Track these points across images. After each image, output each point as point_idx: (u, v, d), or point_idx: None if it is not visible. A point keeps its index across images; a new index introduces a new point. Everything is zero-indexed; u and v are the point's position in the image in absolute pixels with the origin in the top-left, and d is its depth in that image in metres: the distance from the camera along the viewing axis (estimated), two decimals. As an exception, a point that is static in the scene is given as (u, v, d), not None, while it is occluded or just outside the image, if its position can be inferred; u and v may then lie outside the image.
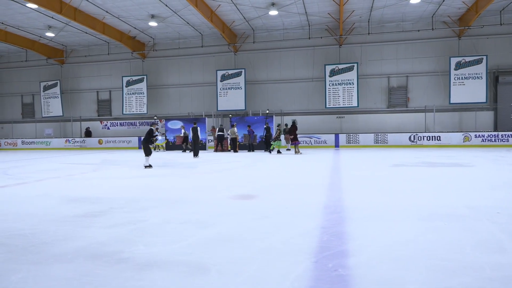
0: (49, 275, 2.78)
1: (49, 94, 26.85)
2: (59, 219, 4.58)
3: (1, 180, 8.83)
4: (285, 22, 21.42)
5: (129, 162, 13.68)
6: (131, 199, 5.86)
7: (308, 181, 7.98)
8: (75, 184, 8.01)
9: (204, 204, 5.41)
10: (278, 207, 5.09)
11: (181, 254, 3.19)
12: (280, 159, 14.04)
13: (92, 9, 18.83)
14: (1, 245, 3.54)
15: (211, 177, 8.93)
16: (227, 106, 23.49)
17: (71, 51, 26.73)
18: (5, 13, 19.30)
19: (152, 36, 23.90)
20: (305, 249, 3.26)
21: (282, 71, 23.53)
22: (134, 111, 25.11)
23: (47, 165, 13.12)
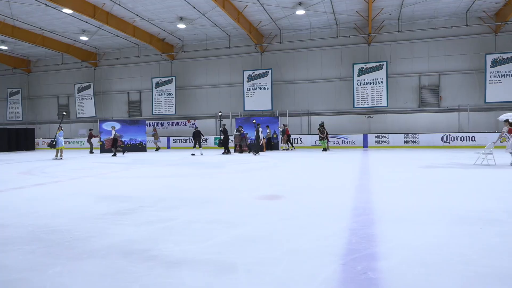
0: (84, 270, 2.89)
1: (83, 95, 27.91)
2: (92, 217, 4.75)
3: (39, 178, 9.26)
4: (312, 21, 21.23)
5: (158, 162, 13.99)
6: (160, 198, 5.99)
7: (336, 182, 7.88)
8: (107, 182, 8.28)
9: (231, 204, 5.45)
10: (305, 208, 5.06)
11: (209, 253, 3.23)
12: (307, 159, 13.93)
13: (123, 13, 19.40)
14: (40, 240, 3.72)
15: (238, 177, 8.99)
16: (254, 107, 23.57)
17: (103, 54, 27.67)
18: (43, 19, 20.23)
19: (181, 38, 24.34)
20: (333, 251, 3.22)
21: (309, 70, 23.34)
22: (163, 111, 25.67)
23: (81, 164, 13.64)
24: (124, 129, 21.46)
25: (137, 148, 21.80)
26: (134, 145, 21.82)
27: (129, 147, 21.35)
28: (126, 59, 26.87)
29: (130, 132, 21.83)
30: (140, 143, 22.01)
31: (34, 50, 26.77)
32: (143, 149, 21.98)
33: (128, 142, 21.53)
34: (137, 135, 22.00)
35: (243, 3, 18.28)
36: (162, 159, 15.44)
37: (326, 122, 22.88)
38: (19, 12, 19.05)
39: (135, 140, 21.93)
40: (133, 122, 22.30)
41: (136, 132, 22.01)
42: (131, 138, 21.77)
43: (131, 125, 21.99)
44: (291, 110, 23.46)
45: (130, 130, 21.84)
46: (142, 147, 21.99)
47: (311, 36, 22.85)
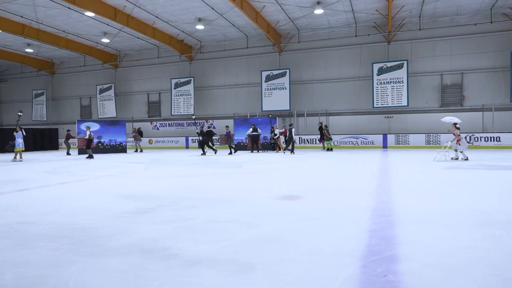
0: (106, 267, 2.95)
1: (104, 96, 28.55)
2: (114, 215, 4.85)
3: (63, 177, 9.53)
4: (331, 20, 21.05)
5: (177, 162, 14.16)
6: (178, 197, 6.06)
7: (355, 182, 7.79)
8: (128, 181, 8.44)
9: (249, 204, 5.46)
10: (323, 209, 5.02)
11: (227, 252, 3.25)
12: (325, 160, 13.82)
13: (143, 15, 19.74)
14: (64, 237, 3.82)
15: (256, 177, 9.00)
16: (272, 107, 23.55)
17: (124, 55, 28.22)
18: (66, 22, 20.80)
19: (199, 39, 24.56)
20: (352, 252, 3.19)
21: (327, 70, 23.16)
22: (182, 112, 25.96)
23: (103, 163, 13.95)
24: (104, 129, 20.98)
25: (116, 150, 21.22)
26: (113, 146, 21.24)
27: (108, 148, 20.94)
28: (146, 60, 27.32)
29: (109, 133, 21.21)
30: (120, 144, 21.45)
31: (58, 52, 27.57)
32: (123, 150, 21.44)
33: (108, 143, 21.04)
34: (116, 136, 21.40)
35: (261, 3, 18.30)
36: (180, 159, 15.62)
37: (345, 122, 22.70)
38: (44, 16, 19.65)
39: (114, 141, 21.32)
40: (112, 123, 21.79)
41: (116, 133, 21.41)
42: (110, 139, 21.21)
43: (110, 126, 21.38)
44: (309, 110, 23.33)
45: (110, 130, 21.26)
46: (122, 148, 21.43)
47: (330, 35, 22.66)
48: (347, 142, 21.23)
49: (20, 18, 19.78)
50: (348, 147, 21.05)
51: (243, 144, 21.51)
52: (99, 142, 20.71)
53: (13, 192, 7.11)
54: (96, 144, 20.30)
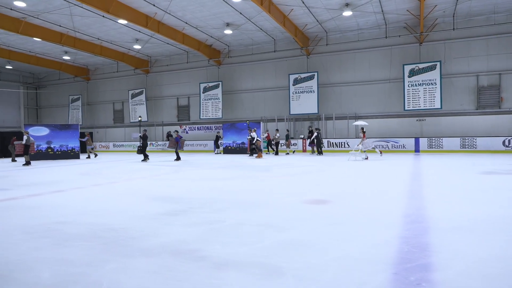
0: (137, 268, 3.03)
1: (136, 101, 29.41)
2: (145, 216, 4.97)
3: (97, 179, 9.88)
4: (360, 22, 20.73)
5: (206, 165, 14.34)
6: (208, 200, 6.13)
7: (385, 187, 7.59)
8: (158, 184, 8.63)
9: (278, 208, 5.44)
10: (353, 214, 4.93)
11: (256, 256, 3.25)
12: (354, 164, 13.58)
13: (173, 21, 20.20)
14: (98, 238, 3.96)
15: (285, 180, 8.96)
16: (300, 110, 23.42)
17: (155, 61, 28.98)
18: (101, 30, 21.63)
19: (227, 44, 24.84)
20: (383, 259, 3.11)
21: (356, 73, 22.78)
22: (210, 116, 26.31)
23: (134, 166, 14.34)
24: (54, 134, 19.63)
25: (68, 155, 19.81)
26: (65, 152, 19.85)
27: (59, 154, 19.60)
28: (176, 65, 27.93)
29: (60, 138, 19.81)
30: (72, 149, 20.05)
31: (92, 59, 28.70)
32: (76, 156, 20.04)
33: (59, 149, 19.69)
34: (68, 141, 19.98)
35: (288, 6, 18.29)
36: (209, 162, 15.81)
37: (375, 125, 22.22)
38: (80, 25, 20.52)
39: (66, 147, 19.92)
40: (64, 127, 20.42)
41: (68, 138, 20.00)
42: (61, 145, 19.82)
43: (62, 130, 20.03)
44: (337, 113, 23.02)
45: (61, 135, 19.85)
46: (74, 154, 20.05)
47: (359, 37, 22.31)
48: (377, 145, 20.75)
49: (58, 27, 20.77)
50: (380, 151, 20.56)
51: (230, 148, 22.79)
52: (48, 147, 19.43)
53: (51, 193, 7.44)
54: (46, 150, 19.30)
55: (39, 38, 21.06)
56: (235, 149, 22.70)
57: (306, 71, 23.65)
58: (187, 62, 27.03)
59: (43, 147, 19.29)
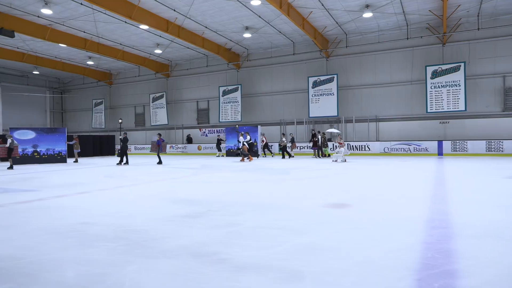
0: (159, 269, 3.07)
1: (157, 104, 29.91)
2: (166, 218, 5.04)
3: (119, 181, 10.08)
4: (380, 23, 20.45)
5: (224, 167, 14.42)
6: (227, 203, 6.16)
7: (408, 191, 7.43)
8: (178, 186, 8.73)
9: (297, 211, 5.41)
10: (374, 218, 4.84)
11: (275, 259, 3.24)
12: (375, 167, 13.36)
13: (193, 26, 20.48)
14: (120, 239, 4.03)
15: (304, 183, 8.90)
16: (319, 113, 23.27)
17: (175, 65, 29.43)
18: (123, 35, 22.14)
19: (246, 47, 24.97)
20: (406, 264, 3.04)
21: (377, 75, 22.47)
22: (230, 119, 26.47)
23: (155, 168, 14.57)
24: (41, 137, 19.26)
25: (55, 159, 19.50)
26: (52, 155, 19.51)
27: (45, 158, 19.26)
28: (196, 69, 28.28)
29: (47, 141, 19.43)
30: (59, 153, 19.72)
31: (115, 64, 29.41)
32: (63, 160, 19.70)
33: (45, 153, 19.34)
34: (55, 144, 19.61)
35: (307, 9, 18.24)
36: (228, 165, 15.89)
37: (396, 128, 21.85)
38: (103, 30, 21.08)
39: (53, 151, 19.55)
40: (50, 131, 20.16)
41: (55, 142, 19.62)
42: (48, 148, 19.43)
43: (48, 134, 19.66)
44: (357, 116, 22.74)
45: (47, 139, 19.47)
46: (61, 157, 19.72)
47: (379, 38, 22.01)
48: (398, 149, 20.37)
49: (83, 33, 21.39)
50: (400, 154, 20.18)
51: (232, 150, 23.28)
52: (34, 151, 19.05)
53: (76, 194, 7.64)
54: (32, 153, 18.99)
55: (64, 44, 21.76)
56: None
57: (325, 73, 23.50)
58: (206, 65, 27.33)
59: (29, 150, 18.86)
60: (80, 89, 35.26)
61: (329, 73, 23.34)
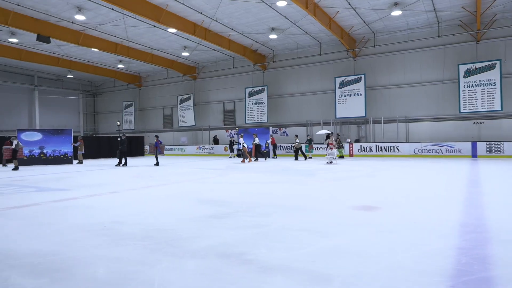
0: (186, 268, 3.12)
1: (184, 106, 30.43)
2: (193, 218, 5.11)
3: (148, 181, 10.32)
4: (410, 21, 19.91)
5: (250, 169, 14.46)
6: (253, 204, 6.17)
7: (440, 194, 7.18)
8: (205, 187, 8.83)
9: (324, 213, 5.35)
10: (405, 222, 4.72)
11: (302, 261, 3.21)
12: (404, 169, 13.01)
13: (220, 28, 20.69)
14: (149, 238, 4.13)
15: (331, 185, 8.79)
16: (346, 114, 22.92)
17: (202, 67, 29.84)
18: (152, 39, 22.68)
19: (272, 48, 24.97)
20: (438, 270, 2.94)
21: (406, 74, 21.88)
22: (256, 120, 26.53)
23: (183, 169, 14.81)
24: (47, 139, 19.53)
25: (61, 161, 19.70)
26: (58, 157, 19.71)
27: (51, 159, 19.50)
28: (222, 71, 28.55)
29: (53, 143, 19.69)
30: (65, 154, 19.88)
31: (144, 67, 30.16)
32: (69, 161, 19.85)
33: (51, 154, 19.58)
34: (61, 146, 19.83)
35: (334, 9, 18.02)
36: (254, 166, 15.92)
37: (427, 128, 21.21)
38: (133, 35, 21.67)
39: (59, 152, 19.75)
40: (56, 132, 20.28)
41: (61, 143, 19.85)
42: (54, 150, 19.67)
43: (54, 135, 19.88)
44: (386, 116, 22.22)
45: (54, 140, 19.71)
46: (67, 159, 19.86)
47: (409, 37, 21.42)
48: (429, 150, 19.73)
49: (114, 37, 22.08)
50: (431, 156, 19.55)
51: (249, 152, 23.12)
52: (41, 152, 19.39)
53: (107, 193, 7.90)
54: (38, 155, 19.33)
55: (96, 48, 22.53)
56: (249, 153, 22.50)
57: (352, 73, 23.12)
58: (233, 67, 27.53)
59: (36, 152, 19.21)
60: (111, 92, 36.41)
61: (356, 73, 22.95)
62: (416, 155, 19.95)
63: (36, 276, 3.01)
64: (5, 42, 22.12)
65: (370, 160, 18.77)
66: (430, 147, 19.70)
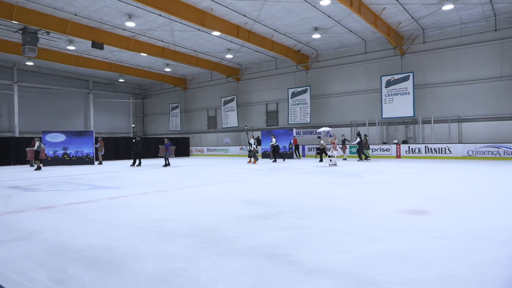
0: (231, 267, 3.16)
1: (228, 107, 30.93)
2: (237, 218, 5.18)
3: (193, 181, 10.62)
4: (463, 15, 18.79)
5: (293, 170, 14.39)
6: (297, 205, 6.13)
7: (497, 199, 6.71)
8: (249, 188, 8.92)
9: (371, 216, 5.20)
10: (458, 227, 4.46)
11: (348, 265, 3.15)
12: (455, 171, 12.30)
13: (263, 29, 20.81)
14: (195, 236, 4.24)
15: (378, 188, 8.52)
16: (393, 114, 22.08)
17: (245, 69, 30.17)
18: (197, 42, 23.31)
19: (315, 48, 24.68)
20: (495, 280, 2.75)
21: (459, 71, 20.67)
22: (299, 120, 26.36)
23: (226, 169, 15.06)
24: (70, 140, 20.24)
25: (83, 161, 20.39)
26: (80, 157, 20.42)
27: (74, 159, 20.18)
28: (265, 72, 28.69)
29: (76, 144, 20.40)
30: (87, 155, 20.54)
31: (189, 70, 31.06)
32: (91, 162, 20.45)
33: (74, 155, 20.28)
34: (83, 147, 20.51)
35: (380, 5, 17.45)
36: (296, 166, 15.82)
37: (482, 129, 19.92)
38: (179, 39, 22.40)
39: (81, 153, 20.48)
40: (79, 134, 21.00)
41: (83, 144, 20.53)
42: (77, 151, 20.41)
43: (77, 137, 20.61)
44: (436, 116, 21.11)
45: (76, 142, 20.43)
46: (89, 159, 20.49)
47: (461, 32, 20.22)
48: (485, 152, 18.48)
49: (161, 42, 22.96)
50: (487, 158, 18.30)
51: (268, 152, 23.46)
52: (64, 153, 20.13)
53: (155, 192, 8.22)
54: (62, 156, 20.06)
55: (145, 53, 23.55)
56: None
57: (400, 72, 22.24)
58: (275, 68, 27.56)
59: (60, 153, 20.01)
60: (158, 94, 37.88)
61: (404, 71, 22.04)
62: (470, 157, 18.78)
63: (92, 269, 3.20)
64: (64, 49, 23.77)
65: (419, 162, 17.96)
66: (486, 149, 18.47)
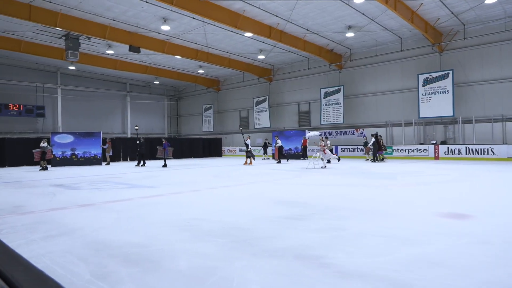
0: (264, 268, 3.17)
1: (260, 108, 31.04)
2: (269, 218, 5.18)
3: (225, 181, 10.74)
4: (507, 8, 17.76)
5: (325, 170, 14.20)
6: (330, 207, 6.05)
7: (546, 203, 6.30)
8: (281, 188, 8.90)
9: (407, 220, 5.03)
10: (503, 232, 4.23)
11: (383, 269, 3.07)
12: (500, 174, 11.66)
13: (295, 29, 20.70)
14: (228, 235, 4.29)
15: (414, 190, 8.24)
16: (431, 113, 21.25)
17: (277, 69, 30.14)
18: (229, 44, 23.57)
19: (349, 47, 24.23)
20: (547, 290, 2.58)
21: (503, 68, 19.57)
22: (331, 120, 25.99)
23: (257, 170, 15.11)
24: (78, 141, 20.55)
25: (91, 162, 20.70)
26: (88, 158, 20.72)
27: (82, 160, 20.44)
28: (297, 72, 28.52)
29: (84, 145, 20.69)
30: (95, 156, 20.86)
31: (222, 71, 31.45)
32: (98, 162, 20.82)
33: (82, 156, 20.58)
34: (91, 148, 20.84)
35: (417, 1, 16.87)
36: (331, 167, 15.61)
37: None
38: (211, 41, 22.75)
39: (89, 153, 20.77)
40: (87, 135, 21.22)
41: (91, 145, 20.86)
42: (85, 151, 20.71)
43: (85, 138, 20.87)
44: (478, 115, 20.10)
45: (84, 142, 20.74)
46: (97, 160, 20.81)
47: (506, 26, 19.13)
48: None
49: (194, 44, 23.42)
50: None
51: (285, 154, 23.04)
52: (72, 154, 20.41)
53: (189, 191, 8.40)
54: (70, 156, 20.33)
55: (179, 55, 24.11)
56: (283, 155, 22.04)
57: (438, 69, 21.38)
58: (308, 68, 27.32)
59: (68, 153, 20.30)
60: (192, 96, 38.64)
61: (442, 69, 21.16)
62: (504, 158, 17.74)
63: (130, 265, 3.32)
64: (103, 54, 24.81)
65: (458, 163, 17.19)
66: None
